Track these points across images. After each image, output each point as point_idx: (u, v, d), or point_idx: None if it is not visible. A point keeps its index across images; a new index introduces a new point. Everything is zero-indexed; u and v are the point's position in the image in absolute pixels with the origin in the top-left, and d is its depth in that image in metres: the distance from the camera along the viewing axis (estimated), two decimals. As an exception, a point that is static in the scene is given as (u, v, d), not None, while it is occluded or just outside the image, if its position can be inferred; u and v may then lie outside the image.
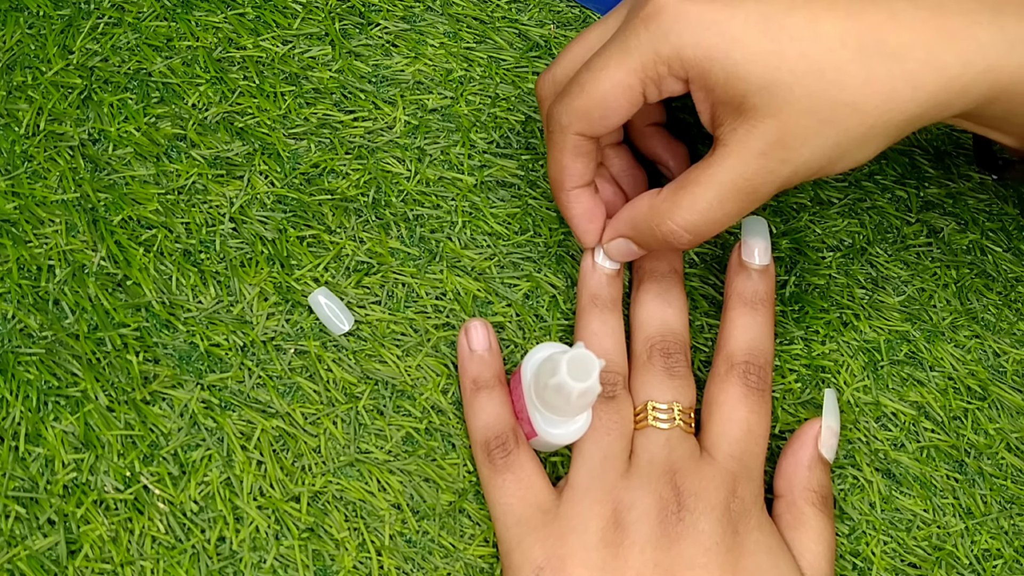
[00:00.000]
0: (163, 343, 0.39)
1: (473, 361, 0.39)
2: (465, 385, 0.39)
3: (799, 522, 0.36)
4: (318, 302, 0.40)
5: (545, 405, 0.34)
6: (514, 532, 0.35)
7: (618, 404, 0.37)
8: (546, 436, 0.35)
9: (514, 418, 0.37)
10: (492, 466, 0.36)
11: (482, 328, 0.39)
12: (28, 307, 0.39)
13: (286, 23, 0.46)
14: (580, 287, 0.41)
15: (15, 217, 0.40)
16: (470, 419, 0.38)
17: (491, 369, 0.38)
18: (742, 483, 0.36)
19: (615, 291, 0.40)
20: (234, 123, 0.43)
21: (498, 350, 0.39)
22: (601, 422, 0.37)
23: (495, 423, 0.37)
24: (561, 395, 0.32)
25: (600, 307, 0.39)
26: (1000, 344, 0.44)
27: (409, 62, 0.45)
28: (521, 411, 0.37)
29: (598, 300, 0.40)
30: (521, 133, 0.45)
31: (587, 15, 0.48)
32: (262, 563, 0.36)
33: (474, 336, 0.39)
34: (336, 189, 0.42)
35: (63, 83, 0.43)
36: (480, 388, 0.38)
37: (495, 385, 0.38)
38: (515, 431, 0.37)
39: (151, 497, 0.37)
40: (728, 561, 0.34)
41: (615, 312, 0.40)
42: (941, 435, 0.42)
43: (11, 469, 0.36)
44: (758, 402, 0.37)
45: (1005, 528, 0.40)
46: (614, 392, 0.37)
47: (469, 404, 0.38)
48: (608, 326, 0.39)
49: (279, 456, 0.38)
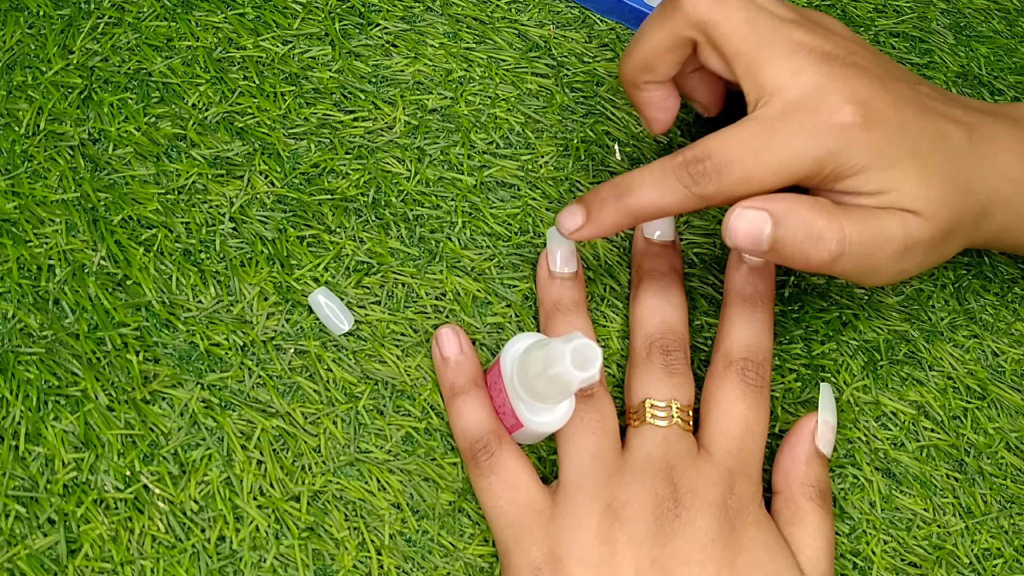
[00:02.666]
0: (163, 343, 0.39)
1: (448, 368, 0.39)
2: (444, 393, 0.39)
3: (797, 518, 0.36)
4: (318, 302, 0.40)
5: (533, 394, 0.34)
6: (509, 534, 0.35)
7: (598, 402, 0.37)
8: (532, 425, 0.35)
9: (495, 418, 0.37)
10: (478, 469, 0.37)
11: (452, 334, 0.39)
12: (28, 307, 0.38)
13: (286, 23, 0.46)
14: (540, 296, 0.41)
15: (15, 217, 0.40)
16: (452, 425, 0.38)
17: (466, 373, 0.38)
18: (739, 480, 0.36)
19: (576, 294, 0.40)
20: (234, 123, 0.43)
21: (471, 352, 0.39)
22: (583, 422, 0.37)
23: (474, 427, 0.37)
24: (557, 384, 0.32)
25: (564, 311, 0.39)
26: (999, 344, 0.44)
27: (409, 62, 0.46)
28: (502, 405, 0.37)
29: (561, 305, 0.40)
30: (521, 133, 0.45)
31: (587, 15, 0.48)
32: (262, 562, 0.36)
33: (445, 343, 0.39)
34: (336, 189, 0.43)
35: (63, 83, 0.43)
36: (457, 394, 0.38)
37: (471, 388, 0.38)
38: (496, 432, 0.37)
39: (151, 496, 0.37)
40: (725, 557, 0.34)
41: (579, 313, 0.40)
42: (941, 434, 0.42)
43: (11, 468, 0.36)
44: (756, 399, 0.37)
45: (1005, 527, 0.40)
46: (591, 390, 0.38)
47: (449, 411, 0.38)
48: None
49: (279, 456, 0.38)
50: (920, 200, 0.34)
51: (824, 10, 0.50)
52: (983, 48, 0.51)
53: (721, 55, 0.36)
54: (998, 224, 0.37)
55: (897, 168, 0.34)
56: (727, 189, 0.34)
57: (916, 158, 0.34)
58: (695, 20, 0.35)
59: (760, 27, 0.35)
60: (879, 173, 0.34)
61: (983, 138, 0.37)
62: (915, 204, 0.34)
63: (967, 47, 0.51)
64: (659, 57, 0.37)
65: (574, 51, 0.47)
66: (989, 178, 0.36)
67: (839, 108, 0.33)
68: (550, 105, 0.46)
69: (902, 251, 0.34)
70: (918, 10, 0.51)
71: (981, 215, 0.36)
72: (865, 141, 0.34)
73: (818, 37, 0.35)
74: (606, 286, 0.43)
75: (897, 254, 0.34)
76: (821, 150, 0.33)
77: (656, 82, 0.38)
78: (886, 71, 0.36)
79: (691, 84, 0.41)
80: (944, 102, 0.37)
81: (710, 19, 0.35)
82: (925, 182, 0.34)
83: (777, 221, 0.34)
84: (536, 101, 0.46)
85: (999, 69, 0.50)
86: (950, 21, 0.51)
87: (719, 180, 0.34)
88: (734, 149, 0.34)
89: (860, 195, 0.34)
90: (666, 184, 0.35)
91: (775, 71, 0.34)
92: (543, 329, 0.40)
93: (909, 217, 0.34)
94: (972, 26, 0.51)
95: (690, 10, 0.35)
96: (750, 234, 0.34)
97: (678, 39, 0.36)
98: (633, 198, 0.36)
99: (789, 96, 0.34)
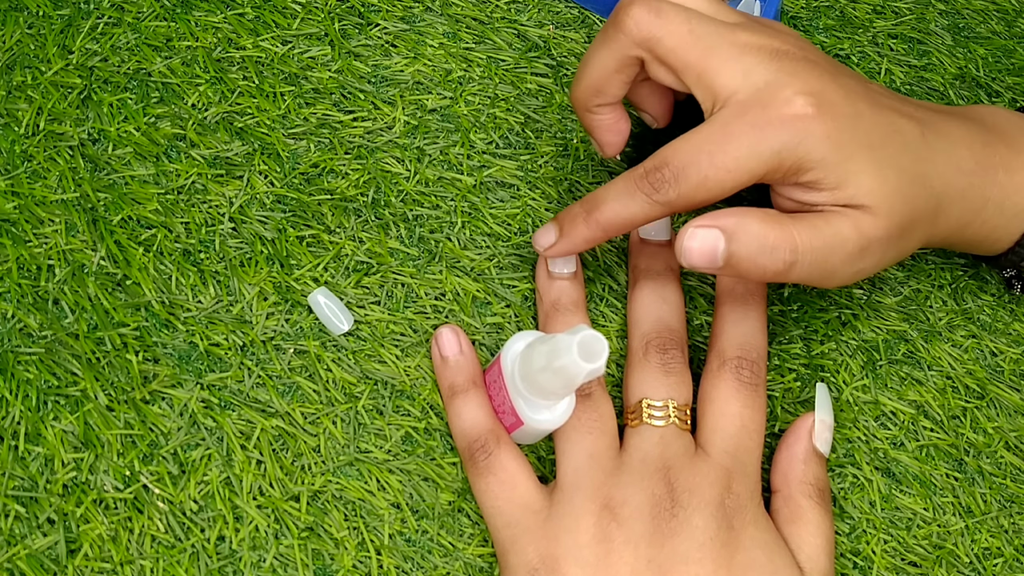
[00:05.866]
0: (163, 343, 0.39)
1: (447, 368, 0.39)
2: (443, 392, 0.39)
3: (796, 516, 0.36)
4: (317, 302, 0.40)
5: (535, 390, 0.34)
6: (506, 534, 0.35)
7: (595, 402, 0.37)
8: (532, 423, 0.35)
9: (493, 418, 0.37)
10: (475, 469, 0.37)
11: (451, 334, 0.39)
12: (28, 307, 0.38)
13: (286, 23, 0.46)
14: (540, 297, 0.41)
15: (15, 217, 0.40)
16: (451, 425, 0.38)
17: (464, 373, 0.38)
18: (737, 478, 0.36)
19: (576, 294, 0.40)
20: (234, 123, 0.43)
21: (471, 352, 0.39)
22: (580, 422, 0.37)
23: (472, 427, 0.37)
24: (562, 377, 0.32)
25: (563, 311, 0.39)
26: (997, 344, 0.44)
27: (408, 62, 0.46)
28: (502, 404, 0.37)
29: (560, 305, 0.40)
30: (520, 133, 0.45)
31: (586, 15, 0.48)
32: (261, 562, 0.36)
33: (444, 343, 0.39)
34: (335, 189, 0.43)
35: (63, 83, 0.43)
36: (456, 393, 0.38)
37: (470, 388, 0.38)
38: (494, 432, 0.37)
39: (151, 496, 0.37)
40: (723, 556, 0.34)
41: (579, 314, 0.40)
42: (940, 434, 0.42)
43: (11, 468, 0.36)
44: (751, 397, 0.37)
45: (1005, 526, 0.40)
46: (589, 390, 0.38)
47: (448, 410, 0.38)
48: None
49: (279, 455, 0.38)
50: (875, 194, 0.34)
51: (823, 11, 0.50)
52: (981, 49, 0.51)
53: (670, 69, 0.36)
54: (955, 219, 0.37)
55: (853, 161, 0.34)
56: (688, 194, 0.34)
57: (871, 151, 0.34)
58: (639, 39, 0.35)
59: (705, 36, 0.35)
60: (838, 166, 0.34)
61: (937, 132, 0.37)
62: (870, 199, 0.34)
63: (965, 48, 0.51)
64: (608, 79, 0.37)
65: (573, 51, 0.47)
66: (943, 171, 0.36)
67: (791, 100, 0.33)
68: (549, 105, 0.46)
69: (857, 252, 0.34)
70: (916, 11, 0.51)
71: (937, 209, 0.36)
72: (820, 131, 0.33)
73: (765, 36, 0.35)
74: (605, 286, 0.43)
75: (852, 256, 0.34)
76: (777, 143, 0.33)
77: (607, 104, 0.38)
78: (837, 68, 0.36)
79: (640, 95, 0.41)
80: (896, 99, 0.37)
81: (653, 35, 0.35)
82: (880, 176, 0.34)
83: (730, 237, 0.34)
84: (536, 101, 0.46)
85: (997, 70, 0.50)
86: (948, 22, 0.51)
87: (678, 186, 0.34)
88: (689, 153, 0.34)
89: (821, 190, 0.34)
90: (629, 195, 0.35)
91: (726, 76, 0.34)
92: (542, 329, 0.40)
93: (862, 217, 0.34)
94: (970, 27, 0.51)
95: (633, 29, 0.35)
96: (704, 252, 0.34)
97: (625, 59, 0.36)
98: (601, 212, 0.36)
99: (742, 97, 0.34)
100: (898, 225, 0.35)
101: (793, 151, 0.33)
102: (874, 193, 0.34)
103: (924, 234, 0.37)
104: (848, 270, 0.35)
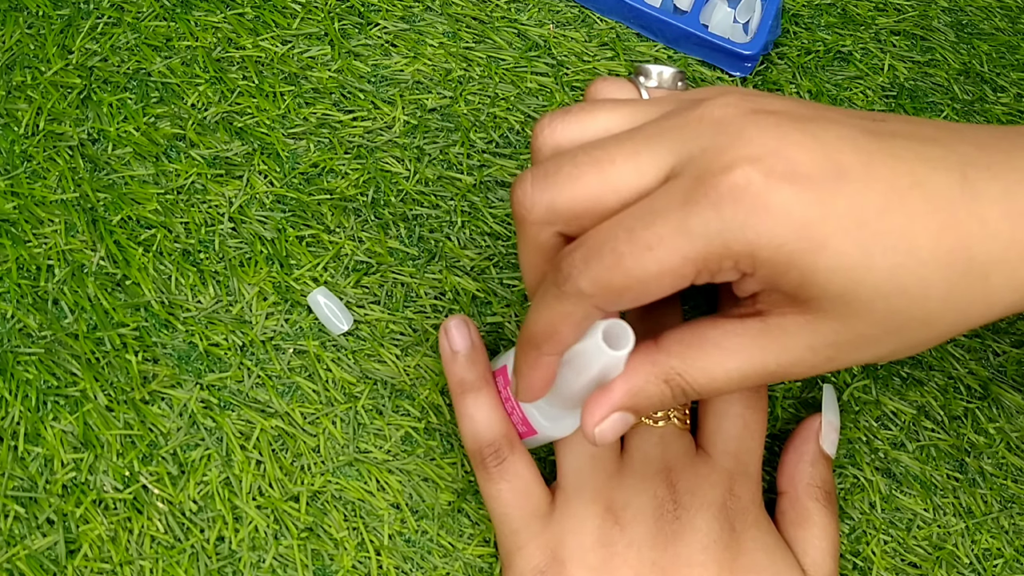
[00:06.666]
0: (162, 343, 0.39)
1: (457, 363, 0.37)
2: (452, 387, 0.37)
3: (803, 518, 0.36)
4: (317, 302, 0.40)
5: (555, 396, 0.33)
6: (512, 540, 0.35)
7: None
8: (545, 432, 0.35)
9: (507, 421, 0.36)
10: (487, 474, 0.36)
11: (462, 326, 0.38)
12: (27, 307, 0.39)
13: (285, 23, 0.46)
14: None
15: (14, 217, 0.40)
16: (460, 424, 0.37)
17: (476, 370, 0.37)
18: (739, 481, 0.36)
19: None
20: (233, 123, 0.43)
21: (481, 346, 0.38)
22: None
23: (485, 430, 0.36)
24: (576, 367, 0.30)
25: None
26: (1000, 344, 0.44)
27: (408, 62, 0.45)
28: (511, 413, 0.36)
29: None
30: (520, 133, 0.45)
31: (586, 14, 0.48)
32: (261, 562, 0.36)
33: (455, 336, 0.37)
34: (335, 189, 0.42)
35: (62, 83, 0.43)
36: (466, 391, 0.37)
37: (482, 387, 0.37)
38: (508, 437, 0.36)
39: (150, 497, 0.37)
40: (726, 558, 0.34)
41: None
42: (941, 434, 0.42)
43: (10, 469, 0.36)
44: (753, 398, 0.37)
45: (1006, 527, 0.40)
46: None
47: (457, 408, 0.37)
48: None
49: (278, 456, 0.38)
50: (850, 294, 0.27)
51: (824, 9, 0.50)
52: (985, 45, 0.50)
53: None
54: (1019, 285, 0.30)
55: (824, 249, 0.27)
56: (603, 279, 0.27)
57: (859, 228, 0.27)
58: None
59: None
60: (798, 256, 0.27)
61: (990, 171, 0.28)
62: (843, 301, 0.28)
63: (969, 44, 0.50)
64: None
65: (574, 50, 0.47)
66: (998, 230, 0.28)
67: (730, 168, 0.26)
68: (550, 104, 0.46)
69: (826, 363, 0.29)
70: (919, 8, 0.51)
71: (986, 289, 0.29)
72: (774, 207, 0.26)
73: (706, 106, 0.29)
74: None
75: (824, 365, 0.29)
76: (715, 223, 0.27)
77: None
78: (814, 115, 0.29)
79: None
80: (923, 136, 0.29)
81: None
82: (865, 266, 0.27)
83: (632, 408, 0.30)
84: (536, 100, 0.46)
85: (1001, 66, 0.50)
86: (951, 19, 0.51)
87: (588, 270, 0.27)
88: (605, 231, 0.28)
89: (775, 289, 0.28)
90: (542, 296, 0.29)
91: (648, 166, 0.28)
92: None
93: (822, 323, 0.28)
94: (974, 23, 0.51)
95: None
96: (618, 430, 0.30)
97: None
98: (525, 328, 0.31)
99: (677, 171, 0.28)
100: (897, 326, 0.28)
101: (737, 235, 0.26)
102: (849, 292, 0.27)
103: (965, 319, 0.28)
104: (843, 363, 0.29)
